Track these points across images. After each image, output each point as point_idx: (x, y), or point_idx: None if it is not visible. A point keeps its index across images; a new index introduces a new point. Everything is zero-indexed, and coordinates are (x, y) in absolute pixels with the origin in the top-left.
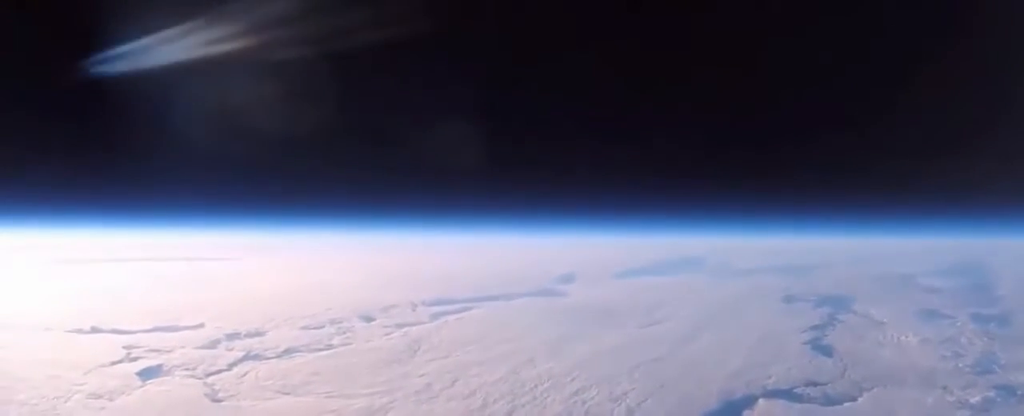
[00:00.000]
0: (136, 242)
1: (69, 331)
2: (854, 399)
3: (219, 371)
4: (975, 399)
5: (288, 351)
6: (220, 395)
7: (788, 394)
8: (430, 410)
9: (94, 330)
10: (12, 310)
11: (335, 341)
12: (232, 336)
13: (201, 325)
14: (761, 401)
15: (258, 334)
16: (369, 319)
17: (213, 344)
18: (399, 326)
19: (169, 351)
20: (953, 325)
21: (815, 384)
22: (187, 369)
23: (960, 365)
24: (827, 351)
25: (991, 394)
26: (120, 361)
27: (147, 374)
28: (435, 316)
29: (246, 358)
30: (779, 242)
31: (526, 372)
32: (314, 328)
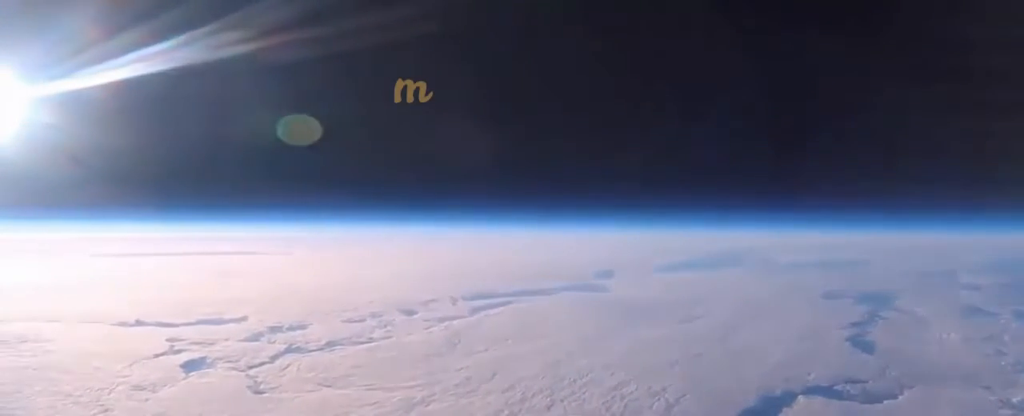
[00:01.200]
0: (182, 236)
1: (114, 324)
2: (895, 397)
3: (261, 363)
4: (1017, 398)
5: (330, 344)
6: (262, 387)
7: (828, 391)
8: (469, 403)
9: (139, 323)
10: (59, 303)
11: (376, 334)
12: (275, 329)
13: (244, 318)
14: (801, 398)
15: (300, 327)
16: (410, 313)
17: (256, 337)
18: (439, 320)
19: (212, 344)
20: (996, 322)
21: (855, 381)
22: (230, 361)
23: (1002, 363)
24: (868, 348)
25: None
26: (164, 353)
27: (190, 366)
28: (475, 310)
29: (288, 351)
30: (821, 237)
31: (565, 366)
32: (355, 321)
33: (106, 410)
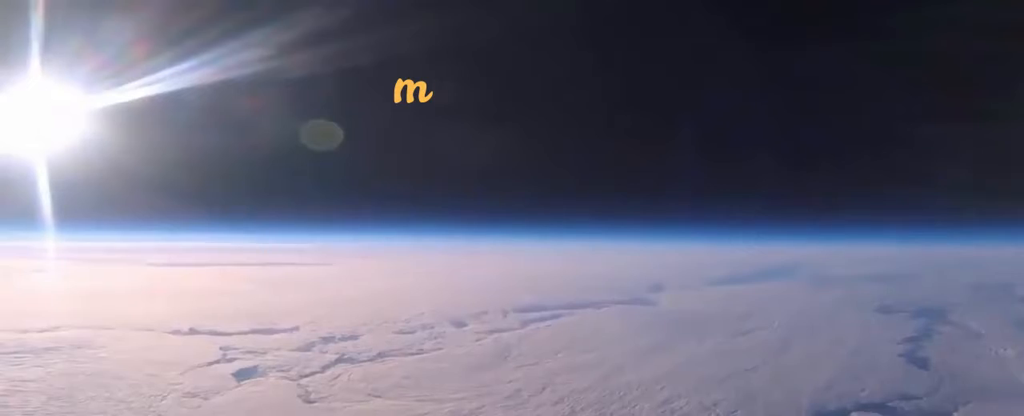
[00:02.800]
0: (233, 247)
1: (168, 332)
2: (949, 414)
3: (313, 373)
4: None
5: (380, 355)
6: (313, 396)
7: (881, 407)
8: None
9: (192, 331)
10: (115, 311)
11: (426, 346)
12: (326, 339)
13: (296, 328)
14: (853, 414)
15: (351, 337)
16: (460, 324)
17: (308, 347)
18: (490, 332)
19: (264, 353)
20: None
21: (909, 398)
22: (281, 370)
23: None
24: (923, 363)
25: None
26: (217, 362)
27: (242, 375)
28: (526, 323)
29: (339, 361)
30: (876, 250)
31: (615, 380)
32: (406, 332)
33: None
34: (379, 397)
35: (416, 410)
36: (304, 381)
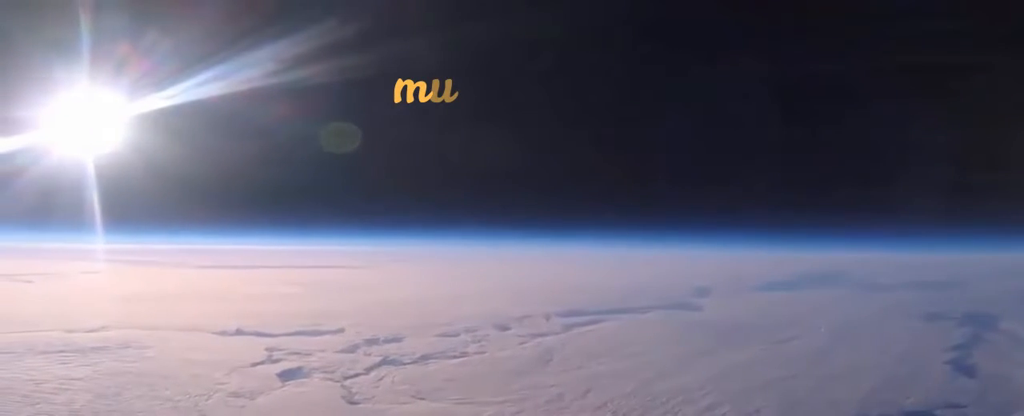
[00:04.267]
0: (283, 251)
1: (214, 333)
2: None
3: (357, 374)
4: None
5: (424, 357)
6: (357, 398)
7: None
8: None
9: (238, 332)
10: (162, 313)
11: (470, 349)
12: (371, 341)
13: (341, 330)
14: None
15: (396, 340)
16: (504, 328)
17: (352, 348)
18: (533, 336)
19: (309, 354)
20: None
21: (955, 406)
22: (326, 372)
23: None
24: (970, 372)
25: None
26: (262, 362)
27: (287, 375)
28: (569, 327)
29: (383, 363)
30: (924, 256)
31: (657, 385)
32: (450, 336)
33: (203, 415)
34: (422, 399)
35: (458, 413)
36: (348, 382)
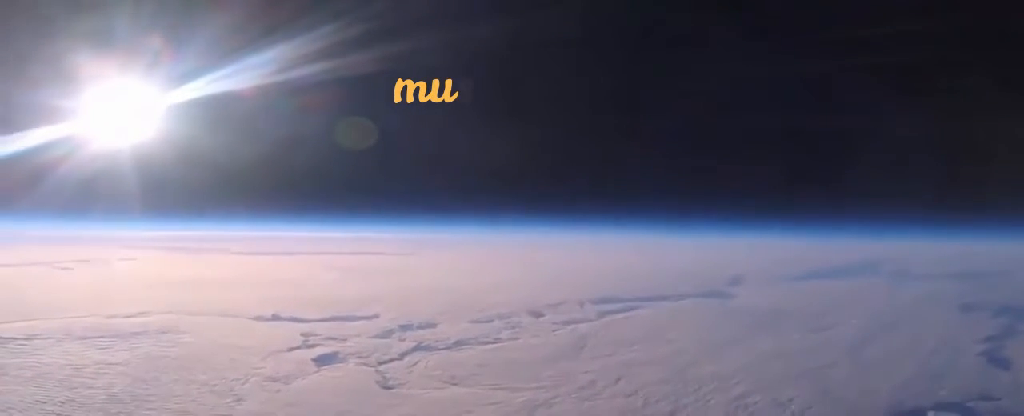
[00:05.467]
0: (319, 237)
1: (251, 318)
2: None
3: (391, 360)
4: None
5: (458, 343)
6: (391, 383)
7: (960, 408)
8: (592, 407)
9: (275, 318)
10: (199, 299)
11: (503, 335)
12: (405, 327)
13: (376, 316)
14: (931, 413)
15: (430, 326)
16: (537, 315)
17: (387, 334)
18: (566, 323)
19: (344, 339)
20: None
21: (989, 399)
22: (361, 357)
23: None
24: (1004, 364)
25: None
26: (297, 347)
27: (322, 360)
28: (602, 314)
29: (417, 348)
30: (960, 247)
31: (690, 373)
32: (483, 322)
33: (239, 399)
34: (455, 384)
35: (491, 398)
36: (382, 367)
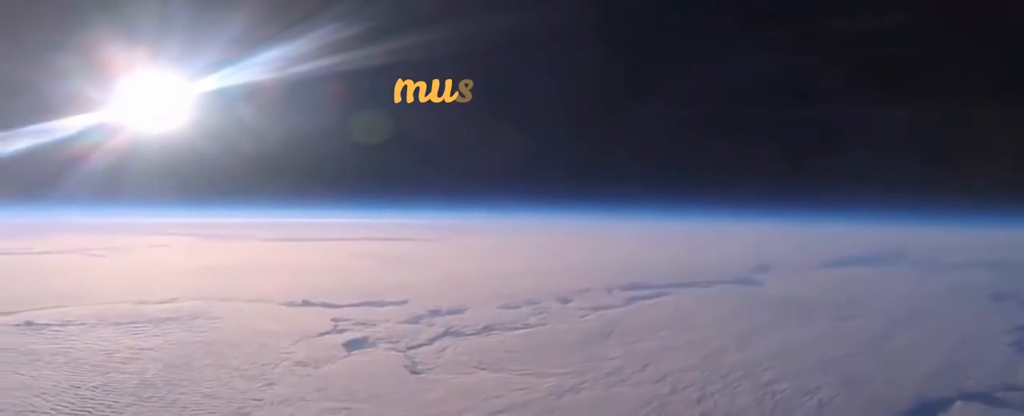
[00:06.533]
0: (349, 224)
1: (282, 304)
2: None
3: (420, 345)
4: None
5: (486, 329)
6: (419, 367)
7: (987, 398)
8: (619, 393)
9: (305, 303)
10: (231, 284)
11: (531, 321)
12: (434, 313)
13: (405, 301)
14: (958, 403)
15: (458, 311)
16: (565, 301)
17: (416, 320)
18: (594, 309)
19: (374, 325)
20: None
21: (1017, 388)
22: (390, 342)
23: None
24: None
25: None
26: (328, 332)
27: (352, 345)
28: (630, 300)
29: (446, 334)
30: (991, 235)
31: (717, 360)
32: (512, 308)
33: (270, 383)
34: (483, 369)
35: (518, 384)
36: (411, 352)
